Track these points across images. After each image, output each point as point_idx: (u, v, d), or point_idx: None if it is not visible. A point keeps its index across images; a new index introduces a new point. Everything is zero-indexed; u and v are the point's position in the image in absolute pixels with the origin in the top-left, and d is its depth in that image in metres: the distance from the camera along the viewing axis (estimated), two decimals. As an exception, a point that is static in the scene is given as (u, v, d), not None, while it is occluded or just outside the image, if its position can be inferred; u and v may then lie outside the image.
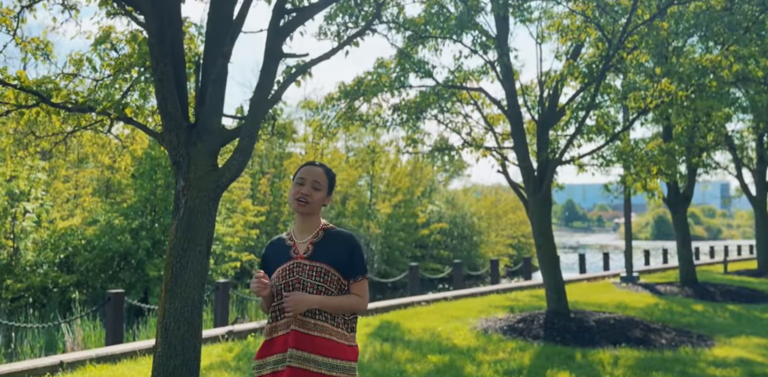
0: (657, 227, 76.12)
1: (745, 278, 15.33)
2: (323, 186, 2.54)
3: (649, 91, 7.66)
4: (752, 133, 15.88)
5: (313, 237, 2.52)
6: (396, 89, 8.34)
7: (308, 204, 2.50)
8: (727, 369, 6.02)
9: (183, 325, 3.78)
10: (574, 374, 5.69)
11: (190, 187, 3.85)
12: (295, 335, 2.38)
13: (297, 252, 2.50)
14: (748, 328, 8.47)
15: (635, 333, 7.54)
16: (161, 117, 3.88)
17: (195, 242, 3.84)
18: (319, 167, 2.60)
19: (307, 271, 2.45)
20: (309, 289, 2.43)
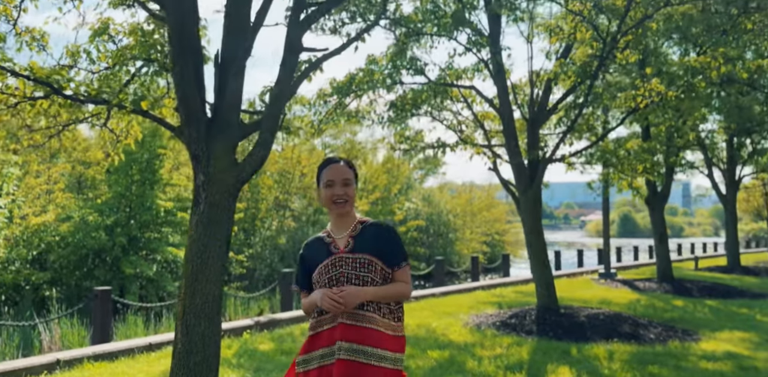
0: (622, 225, 78.28)
1: (716, 275, 15.83)
2: (352, 180, 2.55)
3: (640, 90, 7.83)
4: (723, 133, 16.36)
5: (351, 231, 2.53)
6: (388, 86, 8.34)
7: (347, 203, 2.51)
8: (717, 363, 6.21)
9: (204, 321, 3.73)
10: (573, 369, 5.80)
11: (210, 182, 3.79)
12: (344, 327, 2.37)
13: (338, 247, 2.51)
14: (729, 323, 8.75)
15: (625, 328, 7.71)
16: (180, 111, 3.81)
17: (215, 238, 3.79)
18: (340, 162, 2.60)
19: (351, 264, 2.45)
20: (354, 281, 2.43)
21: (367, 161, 20.51)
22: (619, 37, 7.13)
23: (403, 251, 2.53)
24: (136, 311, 11.21)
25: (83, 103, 4.18)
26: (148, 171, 14.89)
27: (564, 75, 7.73)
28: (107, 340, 7.16)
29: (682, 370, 5.86)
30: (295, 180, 17.59)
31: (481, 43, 8.06)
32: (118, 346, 6.17)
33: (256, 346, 6.42)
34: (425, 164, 23.17)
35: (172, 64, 3.76)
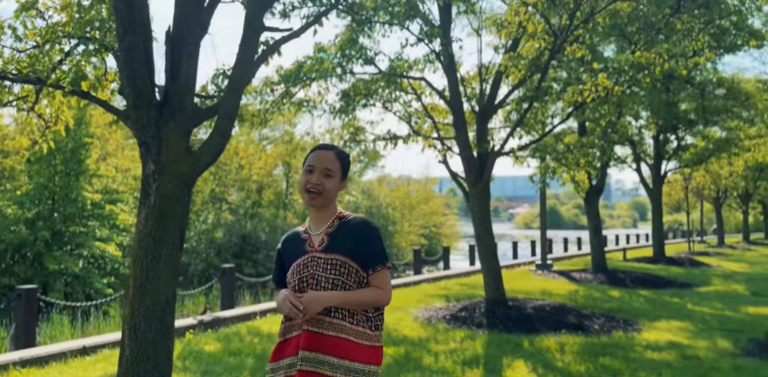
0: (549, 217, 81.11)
1: (644, 265, 16.54)
2: (336, 172, 2.25)
3: (587, 85, 7.94)
4: (653, 129, 17.05)
5: (327, 227, 2.27)
6: (339, 76, 8.10)
7: (320, 195, 2.22)
8: (662, 353, 6.38)
9: (155, 325, 3.40)
10: (529, 362, 5.80)
11: (162, 171, 3.46)
12: (307, 335, 2.14)
13: (312, 245, 2.26)
14: (665, 312, 9.08)
15: (570, 319, 7.84)
16: (127, 93, 3.44)
17: (168, 233, 3.46)
18: (330, 150, 2.31)
19: (322, 264, 2.20)
20: (324, 284, 2.18)
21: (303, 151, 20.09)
22: (571, 30, 7.18)
23: (382, 253, 2.26)
24: (61, 310, 10.47)
25: (13, 82, 3.72)
26: (73, 161, 13.96)
27: (515, 68, 7.72)
28: (32, 344, 6.59)
29: (631, 361, 5.98)
30: (232, 172, 17.01)
31: (433, 34, 7.94)
32: (48, 350, 5.66)
33: (202, 347, 6.07)
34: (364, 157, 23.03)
35: (119, 41, 3.39)
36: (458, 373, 5.32)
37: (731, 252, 24.63)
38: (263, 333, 6.80)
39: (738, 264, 18.96)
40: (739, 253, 24.50)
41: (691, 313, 9.10)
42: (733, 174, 25.94)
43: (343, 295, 2.17)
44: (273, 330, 6.97)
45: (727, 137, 18.45)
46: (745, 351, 6.56)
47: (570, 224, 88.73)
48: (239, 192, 17.34)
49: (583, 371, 5.56)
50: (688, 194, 24.94)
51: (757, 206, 37.79)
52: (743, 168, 24.09)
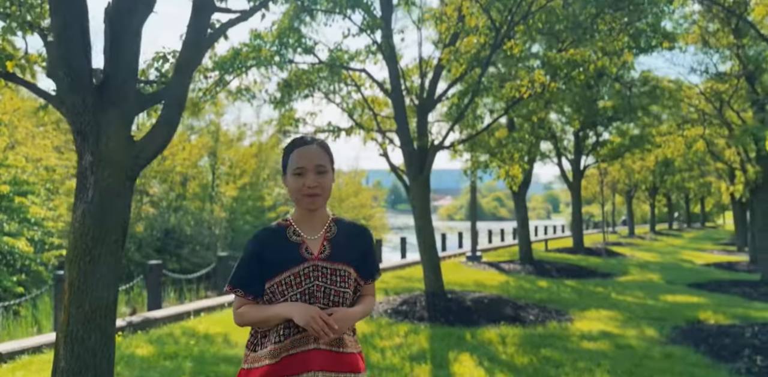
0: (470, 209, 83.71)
1: (565, 256, 17.23)
2: (328, 166, 2.03)
3: (524, 81, 8.06)
4: (575, 126, 17.71)
5: (325, 232, 2.04)
6: (277, 64, 7.80)
7: (320, 196, 2.00)
8: (597, 343, 6.60)
9: (95, 333, 3.09)
10: (474, 355, 5.83)
11: (101, 163, 3.14)
12: (321, 355, 1.93)
13: (311, 251, 2.00)
14: (592, 302, 9.44)
15: (507, 311, 7.99)
16: (61, 76, 3.09)
17: (109, 231, 3.15)
18: (311, 143, 2.05)
19: (329, 275, 1.99)
20: (334, 297, 1.99)
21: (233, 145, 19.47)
22: (512, 26, 7.24)
23: (378, 262, 2.17)
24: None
25: None
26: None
27: (456, 62, 7.71)
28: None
29: (569, 352, 6.13)
30: (153, 163, 16.15)
31: (375, 25, 7.79)
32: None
33: (133, 351, 5.68)
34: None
35: (52, 17, 3.02)
36: (407, 369, 5.25)
37: (641, 242, 26.16)
38: (199, 334, 6.46)
39: (649, 254, 20.14)
40: (648, 243, 26.07)
41: (616, 302, 9.51)
42: (643, 169, 27.50)
43: (362, 310, 2.05)
44: (210, 330, 6.65)
45: (641, 134, 19.48)
46: (671, 339, 6.91)
47: (490, 216, 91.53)
48: (162, 184, 16.53)
49: (527, 363, 5.65)
50: (604, 188, 26.23)
51: (662, 198, 40.33)
52: (654, 163, 25.56)
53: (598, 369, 5.48)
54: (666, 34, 15.80)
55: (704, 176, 28.65)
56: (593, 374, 5.30)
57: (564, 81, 7.90)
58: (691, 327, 7.51)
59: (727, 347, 6.38)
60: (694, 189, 35.92)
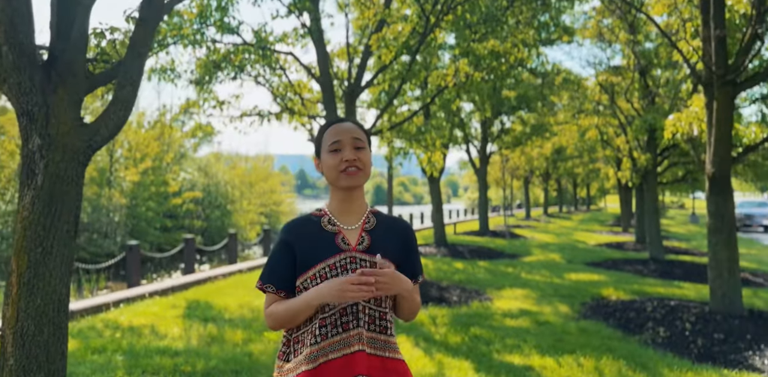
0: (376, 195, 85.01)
1: (474, 238, 17.98)
2: (365, 143, 1.86)
3: (449, 70, 8.27)
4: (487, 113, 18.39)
5: (364, 222, 1.87)
6: (197, 42, 7.48)
7: (361, 171, 1.81)
8: (518, 320, 7.02)
9: (47, 328, 2.89)
10: (411, 336, 6.01)
11: (51, 146, 2.90)
12: (365, 358, 1.71)
13: (348, 242, 1.81)
14: (506, 281, 9.97)
15: (433, 292, 8.26)
16: (4, 51, 2.81)
17: (61, 220, 2.93)
18: (346, 121, 1.91)
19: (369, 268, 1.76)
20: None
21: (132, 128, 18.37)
22: (441, 15, 7.39)
23: (420, 261, 1.97)
24: None
25: None
26: None
27: (386, 49, 7.77)
28: None
29: (496, 329, 6.48)
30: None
31: (304, 7, 7.66)
32: None
33: (55, 346, 5.31)
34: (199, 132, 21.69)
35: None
36: (349, 353, 5.32)
37: (537, 225, 27.80)
38: (123, 327, 6.16)
39: (547, 235, 21.47)
40: (543, 225, 27.75)
41: (527, 281, 10.10)
42: (540, 156, 29.12)
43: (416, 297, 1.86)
44: (134, 322, 6.35)
45: (540, 123, 20.60)
46: (582, 315, 7.48)
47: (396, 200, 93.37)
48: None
49: (460, 342, 5.91)
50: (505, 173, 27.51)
51: (554, 183, 42.93)
52: (550, 151, 27.16)
53: (525, 344, 5.84)
54: (566, 28, 16.78)
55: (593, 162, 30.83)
56: (522, 350, 5.65)
57: (486, 71, 8.19)
58: (597, 303, 8.15)
59: (633, 320, 7.01)
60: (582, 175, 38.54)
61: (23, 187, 2.91)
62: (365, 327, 1.75)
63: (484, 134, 20.20)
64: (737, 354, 5.68)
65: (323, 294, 1.70)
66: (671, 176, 17.44)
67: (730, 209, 6.91)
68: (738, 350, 5.78)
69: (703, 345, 5.97)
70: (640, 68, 12.93)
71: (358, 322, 1.74)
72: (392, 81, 8.10)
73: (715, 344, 5.97)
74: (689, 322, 6.68)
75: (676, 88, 13.01)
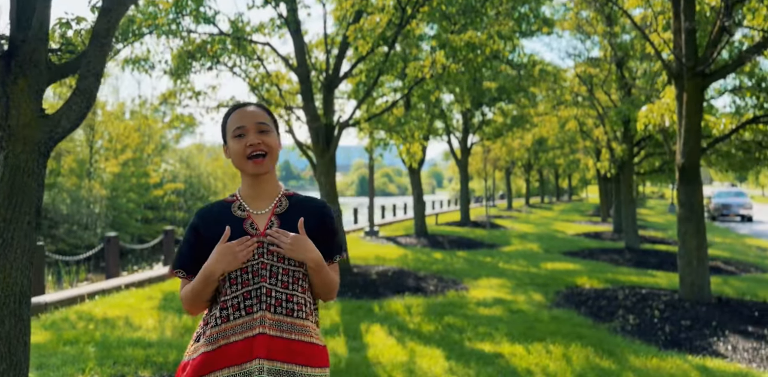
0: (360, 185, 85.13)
1: (455, 229, 18.11)
2: (271, 126, 1.84)
3: (426, 62, 8.29)
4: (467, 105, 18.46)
5: (275, 206, 1.85)
6: (172, 32, 7.42)
7: (266, 157, 1.80)
8: (492, 308, 7.12)
9: (9, 319, 2.89)
10: (384, 326, 6.07)
11: (11, 138, 2.89)
12: (266, 340, 1.70)
13: (256, 227, 1.81)
14: (482, 271, 10.08)
15: (409, 282, 8.34)
16: (-40, 39, 2.79)
17: (21, 212, 2.93)
18: (251, 105, 1.88)
19: (276, 252, 1.78)
20: (282, 276, 1.77)
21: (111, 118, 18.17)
22: (418, 6, 7.39)
23: (342, 240, 1.91)
24: None
25: None
26: None
27: (362, 40, 7.76)
28: None
29: (469, 318, 6.57)
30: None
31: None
32: None
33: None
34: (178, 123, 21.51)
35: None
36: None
37: (518, 215, 28.06)
38: (97, 318, 6.15)
39: (527, 225, 21.69)
40: (524, 215, 28.01)
41: (503, 271, 10.23)
42: (521, 147, 29.32)
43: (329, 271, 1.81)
44: (108, 314, 6.35)
45: (521, 114, 20.72)
46: (555, 303, 7.60)
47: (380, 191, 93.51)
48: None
49: (433, 330, 5.98)
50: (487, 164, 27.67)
51: (536, 174, 43.26)
52: (531, 142, 27.34)
53: (497, 332, 5.93)
54: (545, 20, 16.85)
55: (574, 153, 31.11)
56: (493, 337, 5.74)
57: (463, 63, 8.23)
58: (571, 292, 8.29)
59: (604, 308, 7.15)
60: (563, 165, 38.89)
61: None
62: (271, 310, 1.74)
63: (465, 126, 20.29)
64: (702, 340, 5.83)
65: (216, 264, 1.72)
66: (648, 167, 17.66)
67: (699, 199, 7.05)
68: (703, 336, 5.93)
69: (670, 332, 6.11)
70: (617, 60, 13.05)
71: (261, 305, 1.74)
72: (369, 72, 8.11)
73: (682, 331, 6.12)
74: (658, 310, 6.83)
75: (653, 80, 13.15)
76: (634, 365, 4.97)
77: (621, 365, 4.95)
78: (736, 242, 16.97)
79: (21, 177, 2.93)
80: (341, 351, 5.12)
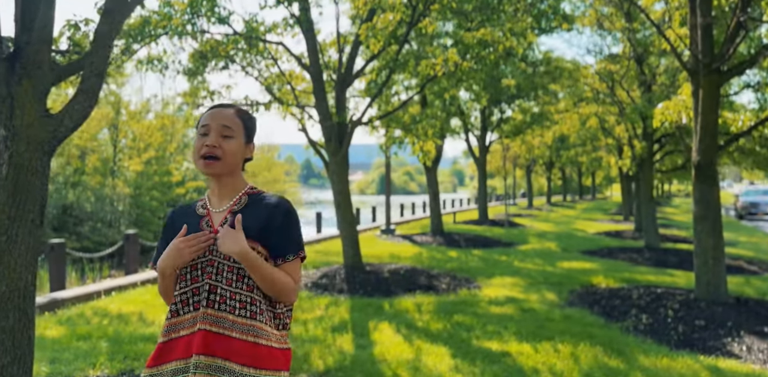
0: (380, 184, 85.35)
1: (472, 227, 18.03)
2: (237, 132, 1.83)
3: (438, 59, 8.27)
4: (482, 103, 18.35)
5: (233, 204, 1.86)
6: (189, 33, 7.52)
7: (219, 160, 1.80)
8: (503, 307, 7.09)
9: (13, 314, 2.98)
10: (393, 323, 6.09)
11: (15, 138, 2.98)
12: (205, 336, 1.72)
13: (210, 224, 1.84)
14: (497, 269, 10.04)
15: (422, 280, 8.34)
16: (-34, 41, 2.88)
17: (26, 209, 3.01)
18: (229, 107, 1.89)
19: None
20: (228, 274, 1.77)
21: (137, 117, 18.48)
22: (428, 4, 7.38)
23: (298, 239, 1.87)
24: None
25: None
26: None
27: (374, 39, 7.77)
28: None
29: (479, 316, 6.55)
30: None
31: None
32: None
33: (42, 332, 5.44)
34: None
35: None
36: (330, 340, 5.42)
37: (539, 214, 27.81)
38: (112, 314, 6.28)
39: (546, 224, 21.50)
40: (545, 214, 27.76)
41: (518, 269, 10.17)
42: (542, 144, 29.04)
43: (256, 258, 1.75)
44: (124, 310, 6.48)
45: (541, 111, 20.52)
46: (569, 302, 7.54)
47: (401, 190, 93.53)
48: (57, 158, 15.47)
49: (441, 328, 5.98)
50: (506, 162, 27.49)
51: (558, 172, 42.82)
52: (552, 139, 27.06)
53: (506, 331, 5.91)
54: (565, 16, 16.65)
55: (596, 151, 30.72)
56: (501, 336, 5.72)
57: (475, 60, 8.19)
58: (585, 291, 8.21)
59: (617, 308, 7.07)
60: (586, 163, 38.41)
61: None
62: (215, 307, 1.76)
63: (483, 123, 20.17)
64: (716, 340, 5.73)
65: (165, 260, 1.81)
66: (671, 164, 17.36)
67: (715, 197, 6.93)
68: (717, 336, 5.83)
69: (683, 331, 6.02)
70: (636, 56, 12.85)
71: (206, 302, 1.77)
72: (380, 71, 8.12)
73: (696, 331, 6.02)
74: (672, 309, 6.73)
75: (674, 77, 12.93)
76: (643, 364, 4.91)
77: (630, 364, 4.90)
78: (762, 241, 16.60)
79: (25, 176, 3.02)
80: (347, 348, 5.15)
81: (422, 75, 8.40)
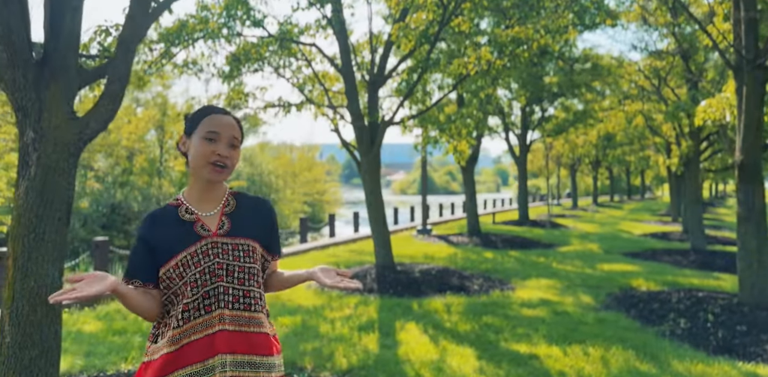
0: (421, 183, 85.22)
1: (511, 228, 17.79)
2: (239, 143, 1.89)
3: (471, 58, 8.20)
4: (521, 102, 18.08)
5: (223, 206, 1.89)
6: (225, 37, 7.69)
7: (226, 169, 1.83)
8: (536, 310, 6.97)
9: (40, 308, 3.11)
10: (420, 324, 6.07)
11: (43, 140, 3.11)
12: (227, 336, 1.76)
13: (207, 228, 1.84)
14: (533, 271, 9.88)
15: (453, 281, 8.29)
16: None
17: (53, 208, 3.14)
18: (228, 114, 1.90)
19: (231, 251, 1.82)
20: (239, 274, 1.82)
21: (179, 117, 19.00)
22: (459, 2, 7.32)
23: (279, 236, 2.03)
24: None
25: None
26: None
27: (405, 38, 7.77)
28: None
29: (510, 318, 6.46)
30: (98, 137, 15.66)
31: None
32: None
33: (80, 327, 5.67)
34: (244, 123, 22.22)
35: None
36: (355, 338, 5.45)
37: (583, 214, 27.20)
38: (148, 309, 6.48)
39: (590, 225, 21.01)
40: (590, 215, 27.12)
41: (556, 271, 9.98)
42: (586, 143, 28.41)
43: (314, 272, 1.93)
44: (159, 305, 6.67)
45: (584, 109, 20.05)
46: (604, 305, 7.35)
47: (442, 190, 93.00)
48: (107, 159, 16.05)
49: (469, 330, 5.93)
50: (549, 161, 27.01)
51: (605, 171, 41.79)
52: (596, 138, 26.42)
53: (536, 334, 5.81)
54: (609, 12, 16.21)
55: (644, 149, 29.82)
56: (531, 339, 5.63)
57: (509, 58, 8.08)
58: (623, 294, 7.99)
59: (655, 311, 6.85)
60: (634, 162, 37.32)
61: (19, 177, 3.13)
62: (228, 307, 1.79)
63: (524, 122, 19.87)
64: (757, 346, 5.49)
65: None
66: (721, 164, 16.70)
67: (759, 198, 6.63)
68: (759, 342, 5.58)
69: (723, 337, 5.79)
70: (682, 52, 12.42)
71: (220, 303, 1.78)
72: (411, 71, 8.10)
73: (736, 336, 5.78)
74: (713, 314, 6.48)
75: (722, 73, 12.44)
76: (676, 370, 4.75)
77: (662, 369, 4.75)
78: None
79: (52, 176, 3.15)
80: (372, 348, 5.17)
81: (455, 74, 8.34)
